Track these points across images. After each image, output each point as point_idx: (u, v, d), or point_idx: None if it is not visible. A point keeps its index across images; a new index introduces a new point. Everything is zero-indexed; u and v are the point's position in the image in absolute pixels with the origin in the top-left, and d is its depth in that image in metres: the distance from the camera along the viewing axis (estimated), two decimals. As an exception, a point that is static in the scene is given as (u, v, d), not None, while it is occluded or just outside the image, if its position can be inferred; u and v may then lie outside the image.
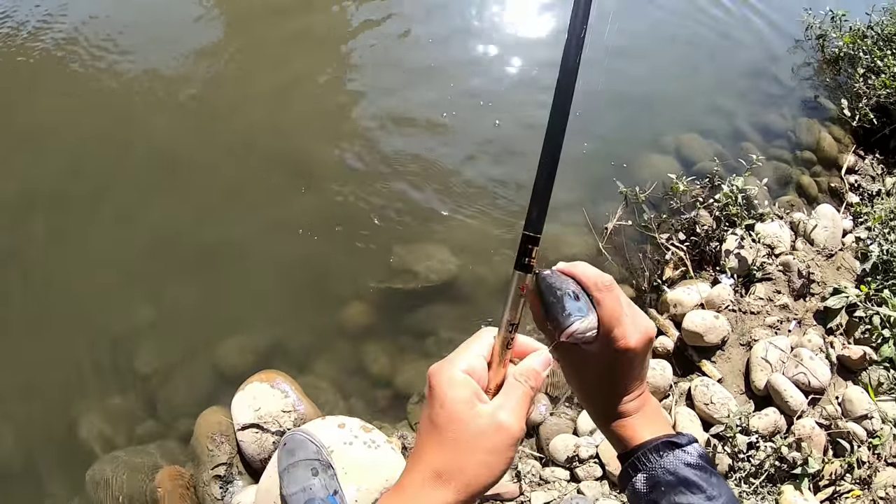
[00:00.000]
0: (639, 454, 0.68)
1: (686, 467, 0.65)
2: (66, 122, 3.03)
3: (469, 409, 0.58)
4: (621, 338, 0.67)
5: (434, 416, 0.59)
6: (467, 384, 0.60)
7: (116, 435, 2.25)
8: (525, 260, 0.64)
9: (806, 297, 2.72)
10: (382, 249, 2.74)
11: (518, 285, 0.64)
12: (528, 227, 0.63)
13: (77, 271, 2.58)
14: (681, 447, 0.67)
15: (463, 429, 0.58)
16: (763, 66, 4.07)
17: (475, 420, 0.58)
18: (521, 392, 0.61)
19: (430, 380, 0.61)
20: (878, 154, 3.76)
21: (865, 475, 2.23)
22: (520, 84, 3.56)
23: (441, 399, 0.59)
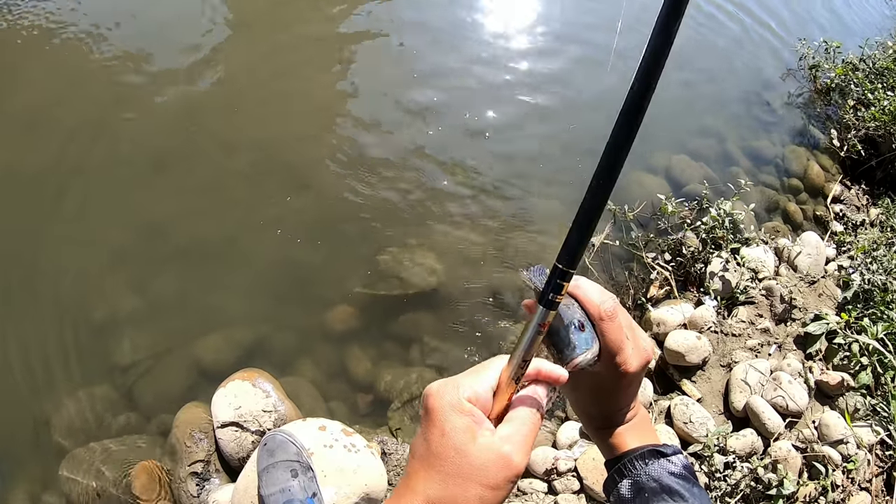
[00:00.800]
0: (625, 461, 0.69)
1: (670, 476, 0.67)
2: (57, 107, 2.99)
3: (472, 440, 0.55)
4: (622, 364, 0.67)
5: (433, 443, 0.56)
6: (471, 411, 0.57)
7: (93, 426, 2.21)
8: (552, 296, 0.58)
9: (787, 322, 2.76)
10: (369, 254, 2.74)
11: (539, 322, 0.59)
12: (563, 259, 0.58)
13: (62, 256, 2.54)
14: (666, 457, 0.69)
15: (464, 461, 0.55)
16: (756, 92, 4.13)
17: (478, 453, 0.55)
18: (529, 425, 0.59)
19: (428, 401, 0.58)
20: (864, 185, 3.83)
21: (839, 498, 2.26)
22: (511, 93, 3.58)
23: (442, 426, 0.56)
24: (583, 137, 3.41)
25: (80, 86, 3.13)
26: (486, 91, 3.54)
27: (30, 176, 2.73)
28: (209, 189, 2.82)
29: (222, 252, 2.65)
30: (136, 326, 2.42)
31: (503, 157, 3.22)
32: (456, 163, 3.15)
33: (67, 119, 2.94)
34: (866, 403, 2.50)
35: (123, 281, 2.51)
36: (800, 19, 5.07)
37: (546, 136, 3.39)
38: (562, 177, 3.23)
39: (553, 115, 3.50)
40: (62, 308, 2.42)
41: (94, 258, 2.55)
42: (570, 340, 0.65)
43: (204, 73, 3.25)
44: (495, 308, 2.69)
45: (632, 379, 0.69)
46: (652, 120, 2.75)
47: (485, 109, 3.43)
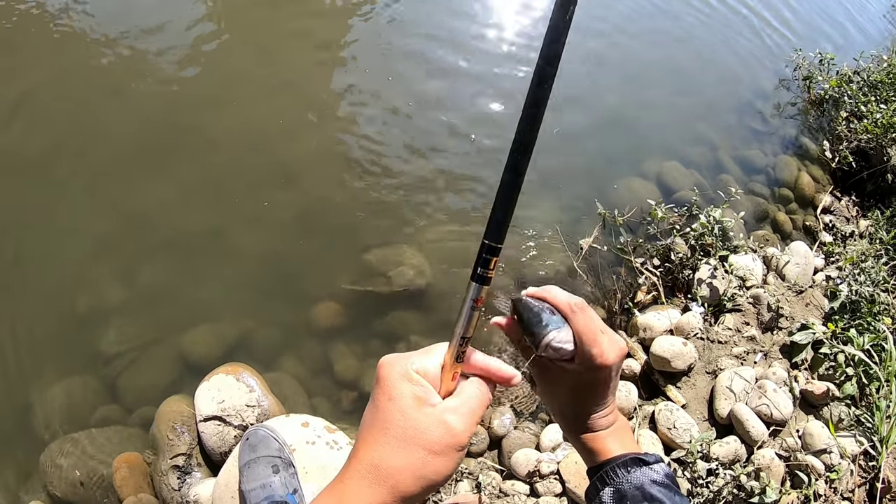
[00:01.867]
0: (608, 469, 0.70)
1: (652, 484, 0.67)
2: (44, 94, 2.97)
3: (418, 406, 0.57)
4: (599, 355, 0.68)
5: (380, 407, 0.58)
6: (419, 381, 0.59)
7: (74, 416, 2.19)
8: (482, 271, 0.60)
9: (773, 331, 2.77)
10: (357, 251, 2.73)
11: (473, 297, 0.61)
12: (490, 235, 0.60)
13: (47, 244, 2.51)
14: (648, 465, 0.69)
15: (409, 424, 0.56)
16: (749, 100, 4.16)
17: (423, 417, 0.57)
18: (476, 398, 0.60)
19: (380, 370, 0.60)
20: (854, 197, 3.85)
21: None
22: (502, 94, 3.58)
23: (389, 391, 0.58)
24: (571, 140, 3.42)
25: (68, 74, 3.10)
26: (478, 91, 3.54)
27: (14, 162, 2.71)
28: (197, 181, 2.79)
29: (209, 245, 2.63)
30: (121, 317, 2.39)
31: (493, 158, 3.22)
32: (446, 163, 3.15)
33: (53, 106, 2.91)
34: (851, 414, 2.52)
35: (108, 271, 2.49)
36: (804, 29, 5.11)
37: (541, 142, 3.37)
38: (551, 179, 3.23)
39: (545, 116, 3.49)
40: (46, 297, 2.39)
41: (79, 247, 2.52)
42: (542, 318, 0.68)
43: (193, 64, 3.22)
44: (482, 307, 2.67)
45: (609, 373, 0.70)
46: (644, 126, 2.79)
47: (476, 110, 3.44)
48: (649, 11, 4.58)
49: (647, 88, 3.93)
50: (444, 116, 3.35)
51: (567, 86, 3.70)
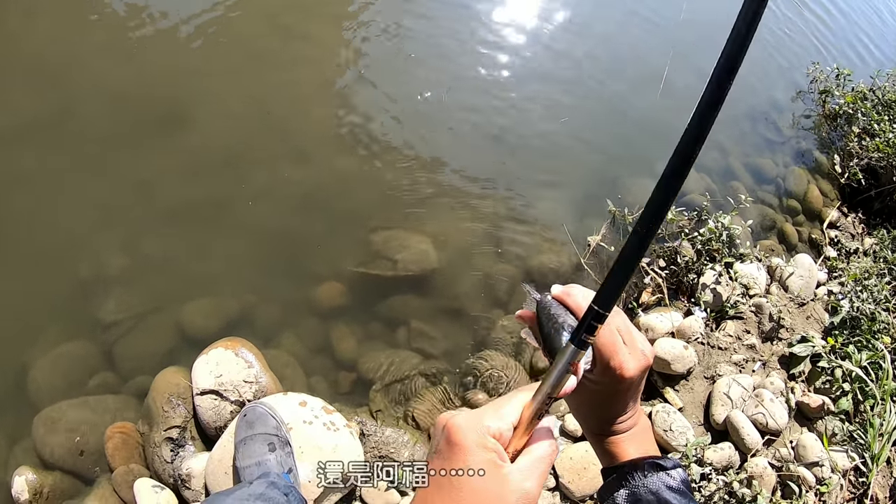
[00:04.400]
0: (624, 471, 0.69)
1: (667, 490, 0.66)
2: (66, 59, 2.94)
3: (496, 473, 0.56)
4: (618, 368, 0.67)
5: (457, 478, 0.56)
6: (495, 447, 0.57)
7: (69, 383, 2.16)
8: (585, 336, 0.58)
9: (773, 341, 2.76)
10: (364, 233, 2.71)
11: (569, 360, 0.59)
12: (601, 301, 0.57)
13: (50, 210, 2.49)
14: (665, 470, 0.68)
15: (489, 496, 0.55)
16: (764, 110, 4.14)
17: (502, 489, 0.56)
18: (547, 460, 0.59)
19: (453, 436, 0.57)
20: (861, 214, 3.85)
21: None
22: (512, 81, 3.56)
23: (466, 460, 0.56)
24: (583, 132, 3.42)
25: (74, 39, 3.06)
26: (489, 77, 3.52)
27: (16, 128, 2.67)
28: (206, 152, 2.77)
29: (214, 217, 2.61)
30: (122, 285, 2.37)
31: (505, 146, 3.21)
32: (458, 149, 3.14)
33: (59, 72, 2.88)
34: (844, 429, 2.52)
35: (111, 239, 2.46)
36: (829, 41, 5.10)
37: (548, 128, 3.39)
38: (561, 169, 3.23)
39: (557, 107, 3.49)
40: (47, 262, 2.37)
41: (83, 214, 2.50)
42: (560, 330, 0.66)
43: (207, 31, 3.19)
44: (486, 297, 2.68)
45: (629, 384, 0.69)
46: (659, 126, 2.76)
47: (487, 97, 3.42)
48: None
49: (661, 89, 3.92)
50: (459, 100, 3.34)
51: (582, 85, 3.69)
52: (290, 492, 1.42)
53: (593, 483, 2.17)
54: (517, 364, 2.51)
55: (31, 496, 1.90)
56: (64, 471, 2.03)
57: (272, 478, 1.60)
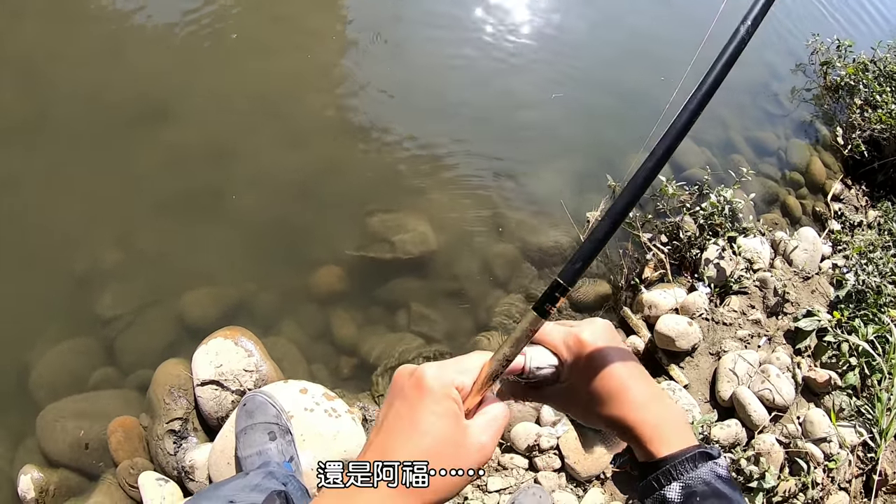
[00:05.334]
0: (675, 463, 0.65)
1: (718, 479, 0.64)
2: (53, 57, 2.90)
3: (457, 423, 0.57)
4: (576, 339, 0.69)
5: (419, 419, 0.56)
6: (457, 399, 0.58)
7: (71, 380, 2.16)
8: (547, 306, 0.59)
9: (779, 316, 2.74)
10: (361, 216, 2.69)
11: (530, 327, 0.60)
12: (564, 275, 0.59)
13: (44, 206, 2.47)
14: (713, 459, 0.65)
15: (449, 441, 0.56)
16: (765, 82, 4.10)
17: (461, 436, 0.57)
18: (501, 419, 0.60)
19: (422, 380, 0.58)
20: (865, 186, 3.82)
21: (818, 496, 2.26)
22: (511, 62, 3.51)
23: (433, 406, 0.56)
24: (580, 110, 3.39)
25: (63, 33, 3.03)
26: (487, 58, 3.48)
27: (10, 123, 2.65)
28: (198, 141, 2.74)
29: (209, 206, 2.59)
30: (119, 280, 2.36)
31: (502, 128, 3.18)
32: (455, 131, 3.10)
33: (48, 65, 2.85)
34: (852, 404, 2.50)
35: (106, 234, 2.45)
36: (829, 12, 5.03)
37: (544, 109, 3.36)
38: (559, 146, 3.21)
39: (552, 87, 3.45)
40: (43, 260, 2.36)
41: (75, 211, 2.48)
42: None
43: (194, 22, 3.14)
44: (485, 278, 2.66)
45: (604, 355, 0.68)
46: (655, 101, 2.72)
47: (485, 78, 3.39)
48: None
49: (659, 63, 3.88)
50: (454, 82, 3.31)
51: (577, 57, 3.65)
52: (288, 481, 1.40)
53: (598, 463, 2.16)
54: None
55: (38, 494, 1.90)
56: (69, 467, 2.02)
57: (272, 467, 1.59)
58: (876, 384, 2.53)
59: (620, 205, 0.58)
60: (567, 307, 2.66)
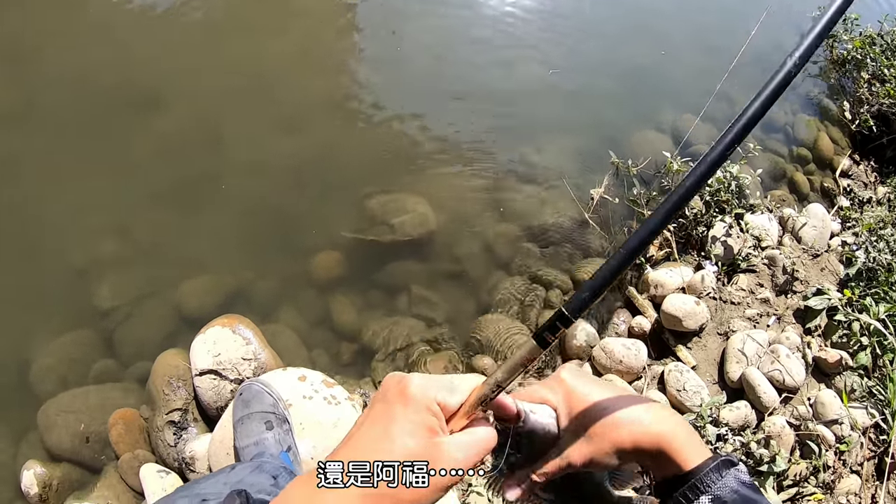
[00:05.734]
0: (700, 476, 0.63)
1: (743, 486, 0.62)
2: (42, 44, 2.87)
3: (429, 435, 0.55)
4: (557, 379, 0.70)
5: (392, 426, 0.55)
6: (438, 415, 0.57)
7: (70, 374, 2.15)
8: (547, 335, 0.56)
9: (788, 294, 2.68)
10: (358, 199, 2.66)
11: (528, 356, 0.57)
12: (570, 305, 0.56)
13: (39, 199, 2.45)
14: (735, 466, 0.63)
15: (415, 453, 0.54)
16: (770, 56, 4.01)
17: (434, 452, 0.54)
18: (485, 442, 0.58)
19: (405, 387, 0.57)
20: (874, 162, 3.75)
21: (829, 480, 2.22)
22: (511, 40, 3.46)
23: (407, 411, 0.55)
24: (580, 87, 3.35)
25: (54, 18, 2.99)
26: (486, 36, 3.44)
27: (16, 110, 2.64)
28: (192, 128, 2.71)
29: (205, 194, 2.55)
30: (116, 272, 2.34)
31: (501, 105, 3.13)
32: (452, 110, 3.06)
33: (36, 57, 2.81)
34: (863, 385, 2.45)
35: (102, 224, 2.43)
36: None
37: (541, 86, 3.31)
38: (560, 128, 3.15)
39: (551, 64, 3.41)
40: (39, 254, 2.34)
41: (69, 202, 2.46)
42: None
43: (184, 6, 3.10)
44: (486, 259, 2.63)
45: (606, 410, 0.66)
46: (662, 76, 2.68)
47: (484, 57, 3.34)
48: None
49: (663, 38, 3.82)
50: (452, 61, 3.27)
51: (581, 31, 3.61)
52: (279, 473, 1.36)
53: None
54: (522, 326, 2.45)
55: (41, 489, 1.89)
56: (71, 461, 2.02)
57: (264, 458, 1.55)
58: (888, 364, 2.48)
59: (635, 241, 0.54)
60: (571, 289, 2.61)
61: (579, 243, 2.75)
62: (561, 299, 2.53)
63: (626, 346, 2.32)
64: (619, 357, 2.29)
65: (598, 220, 2.79)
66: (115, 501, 1.93)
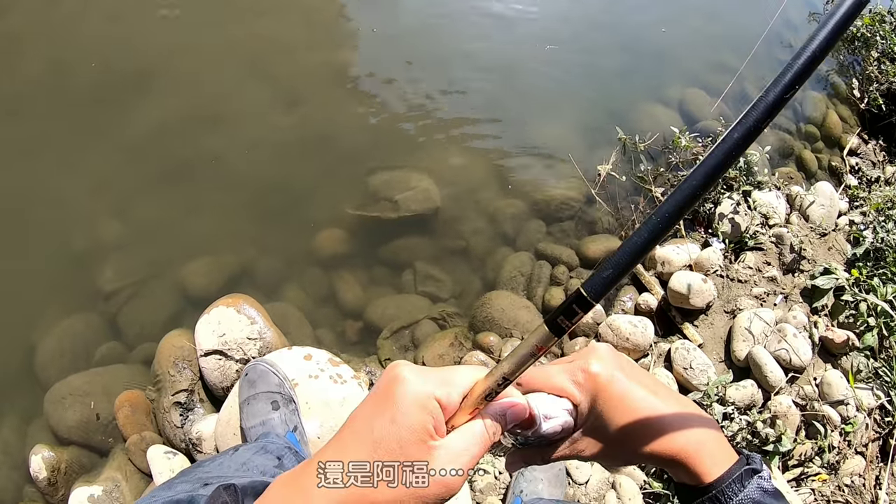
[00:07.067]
0: (722, 488, 0.61)
1: (766, 495, 0.60)
2: (40, 26, 2.84)
3: (421, 441, 0.51)
4: (585, 373, 0.63)
5: (379, 425, 0.51)
6: (433, 411, 0.52)
7: (76, 356, 2.14)
8: (561, 319, 0.49)
9: (795, 273, 2.66)
10: (362, 175, 2.63)
11: (538, 343, 0.51)
12: (590, 286, 0.48)
13: (38, 181, 2.43)
14: (758, 473, 0.61)
15: (402, 457, 0.51)
16: (778, 31, 3.95)
17: (425, 457, 0.51)
18: (480, 445, 0.54)
19: (399, 385, 0.52)
20: (882, 141, 3.71)
21: (834, 460, 2.22)
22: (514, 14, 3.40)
23: (395, 413, 0.51)
24: (583, 62, 3.29)
25: (50, 5, 2.95)
26: (489, 9, 3.38)
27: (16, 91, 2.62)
28: (193, 105, 2.68)
29: (207, 172, 2.53)
30: (118, 253, 2.33)
31: (505, 80, 3.10)
32: (456, 84, 3.02)
33: (35, 40, 2.79)
34: (869, 366, 2.43)
35: (103, 205, 2.41)
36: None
37: (547, 60, 3.26)
38: (566, 102, 3.12)
39: (554, 38, 3.35)
40: (40, 236, 2.33)
41: (71, 182, 2.43)
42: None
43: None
44: (491, 235, 2.61)
45: (620, 390, 0.63)
46: (669, 50, 2.63)
47: (485, 31, 3.29)
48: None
49: (669, 9, 3.77)
50: (455, 35, 3.23)
51: (587, 4, 3.56)
52: (283, 454, 1.35)
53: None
54: (528, 303, 2.43)
55: (49, 473, 1.89)
56: (79, 445, 2.02)
57: (270, 439, 1.55)
58: (895, 346, 2.46)
59: (671, 205, 0.46)
60: (578, 265, 2.59)
61: (586, 220, 2.73)
62: (566, 275, 2.51)
63: (633, 323, 2.31)
64: (626, 334, 2.28)
65: (605, 197, 2.76)
66: (123, 483, 1.92)
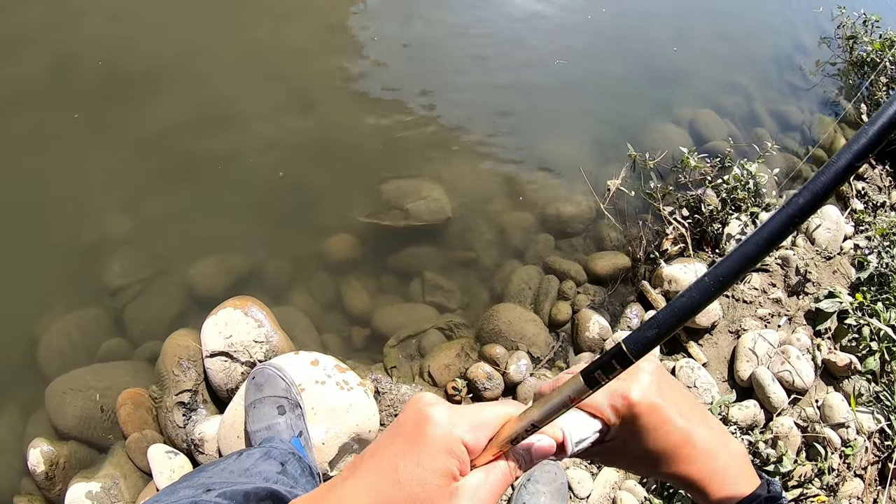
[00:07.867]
0: None
1: None
2: (50, 21, 2.84)
3: (445, 486, 0.50)
4: (623, 399, 0.61)
5: (404, 466, 0.50)
6: (460, 456, 0.51)
7: (79, 352, 2.14)
8: (598, 374, 0.48)
9: (799, 295, 2.67)
10: (374, 182, 2.64)
11: (572, 395, 0.50)
12: (633, 343, 0.46)
13: (51, 173, 2.43)
14: (778, 501, 0.60)
15: (422, 499, 0.49)
16: (790, 54, 3.99)
17: (442, 498, 0.49)
18: (503, 480, 0.53)
19: (426, 425, 0.51)
20: (888, 166, 3.73)
21: (833, 482, 2.22)
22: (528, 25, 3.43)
23: (420, 456, 0.50)
24: (602, 78, 3.32)
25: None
26: (503, 23, 3.41)
27: (9, 92, 2.60)
28: (206, 106, 2.68)
29: (218, 172, 2.53)
30: (126, 249, 2.32)
31: (520, 93, 3.11)
32: (470, 96, 3.03)
33: (44, 35, 2.79)
34: (870, 389, 2.44)
35: (114, 201, 2.40)
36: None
37: (560, 74, 3.28)
38: (576, 115, 3.14)
39: (569, 53, 3.37)
40: (49, 230, 2.32)
41: (81, 179, 2.43)
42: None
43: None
44: (503, 247, 2.61)
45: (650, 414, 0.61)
46: (681, 69, 2.64)
47: (501, 43, 3.31)
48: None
49: (684, 31, 3.79)
50: (469, 45, 3.23)
51: (599, 21, 3.57)
52: (287, 460, 1.35)
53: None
54: (535, 316, 2.44)
55: (47, 467, 1.89)
56: (79, 440, 2.01)
57: (274, 443, 1.54)
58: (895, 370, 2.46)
59: (725, 269, 0.43)
60: (585, 280, 2.60)
61: (594, 235, 2.74)
62: (574, 290, 2.52)
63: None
64: (631, 351, 2.28)
65: (614, 212, 2.77)
66: (122, 480, 1.92)
